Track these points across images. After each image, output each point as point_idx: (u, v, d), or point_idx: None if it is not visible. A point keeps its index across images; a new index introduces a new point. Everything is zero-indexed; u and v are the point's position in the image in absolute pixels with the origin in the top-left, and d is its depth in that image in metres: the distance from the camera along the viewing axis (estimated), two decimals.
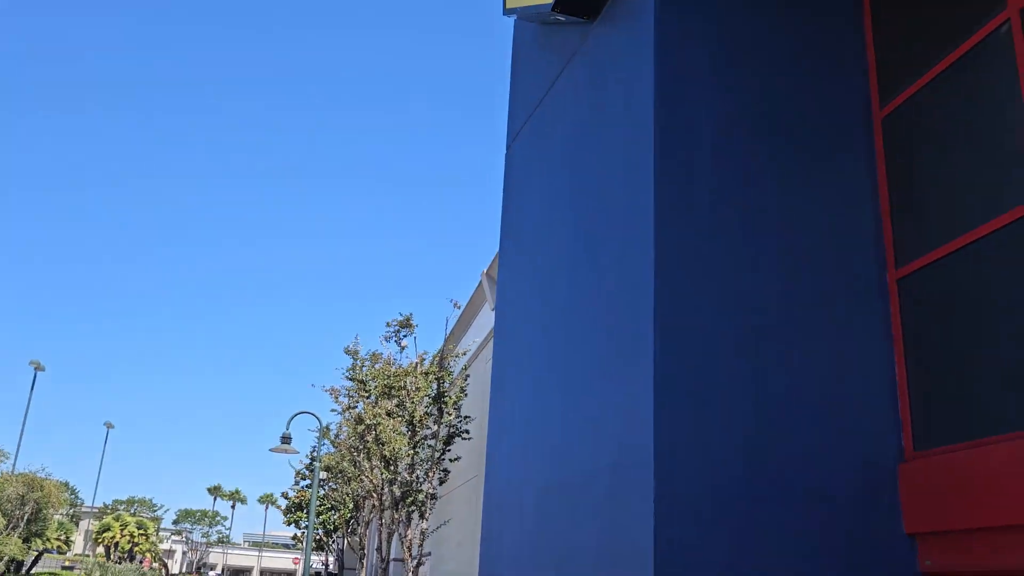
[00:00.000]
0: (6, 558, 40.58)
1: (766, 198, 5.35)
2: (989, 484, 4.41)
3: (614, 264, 5.52)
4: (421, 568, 25.62)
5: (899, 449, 5.12)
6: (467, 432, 22.54)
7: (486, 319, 22.80)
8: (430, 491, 22.65)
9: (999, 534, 4.41)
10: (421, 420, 22.41)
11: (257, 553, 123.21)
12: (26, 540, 43.25)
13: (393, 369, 23.38)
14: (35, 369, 59.82)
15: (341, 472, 34.79)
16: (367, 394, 23.74)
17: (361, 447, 24.20)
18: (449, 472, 23.70)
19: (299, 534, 59.61)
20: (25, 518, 42.38)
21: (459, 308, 24.76)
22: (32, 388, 63.22)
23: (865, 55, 6.00)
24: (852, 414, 5.09)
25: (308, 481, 47.14)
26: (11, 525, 41.60)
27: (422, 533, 22.32)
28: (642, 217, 5.19)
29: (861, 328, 5.31)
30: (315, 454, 24.32)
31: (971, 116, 5.15)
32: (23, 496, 42.41)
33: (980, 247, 4.88)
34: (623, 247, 5.42)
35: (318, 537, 51.99)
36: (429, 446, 22.77)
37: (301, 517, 54.43)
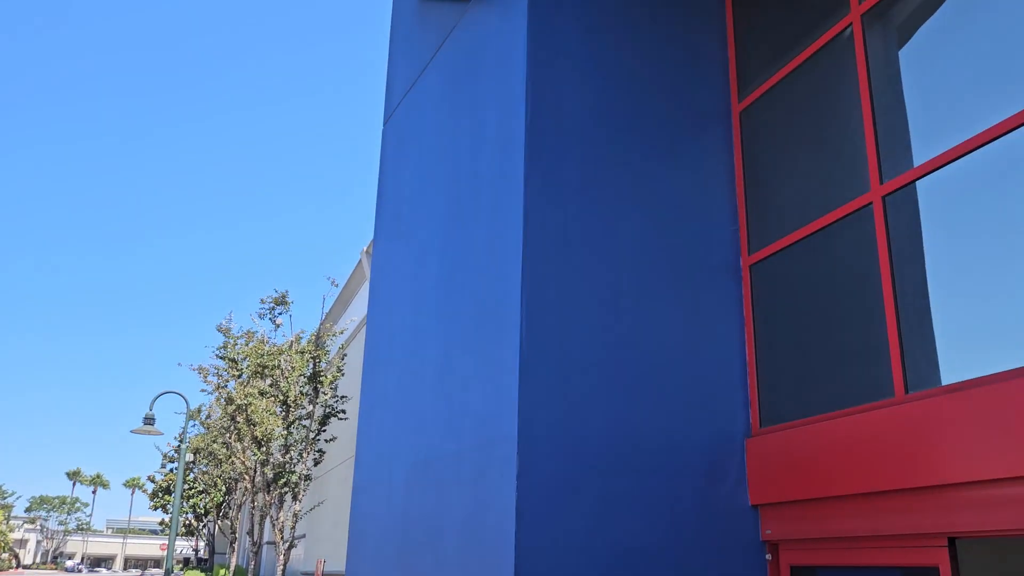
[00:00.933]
0: None
1: (630, 181, 5.53)
2: (822, 457, 4.76)
3: (483, 243, 5.58)
4: (294, 551, 25.19)
5: (747, 425, 5.44)
6: (343, 412, 22.24)
7: (365, 298, 22.51)
8: (304, 472, 22.25)
9: (830, 503, 4.76)
10: (296, 400, 21.93)
11: (122, 540, 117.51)
12: None
13: (267, 348, 22.74)
14: None
15: (212, 454, 33.66)
16: (239, 373, 23.01)
17: (232, 428, 23.48)
18: (324, 453, 23.35)
19: (167, 519, 57.34)
20: None
21: (337, 287, 24.34)
22: None
23: (726, 49, 6.29)
24: (705, 391, 5.36)
25: (176, 464, 45.29)
26: None
27: (295, 515, 21.92)
28: (511, 198, 5.26)
29: (716, 310, 5.58)
30: (183, 436, 23.36)
31: (817, 112, 5.50)
32: None
33: (822, 236, 5.23)
34: (492, 226, 5.48)
35: (188, 522, 50.17)
36: (304, 427, 22.34)
37: (168, 501, 52.33)
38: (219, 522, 43.71)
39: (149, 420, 20.89)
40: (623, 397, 5.06)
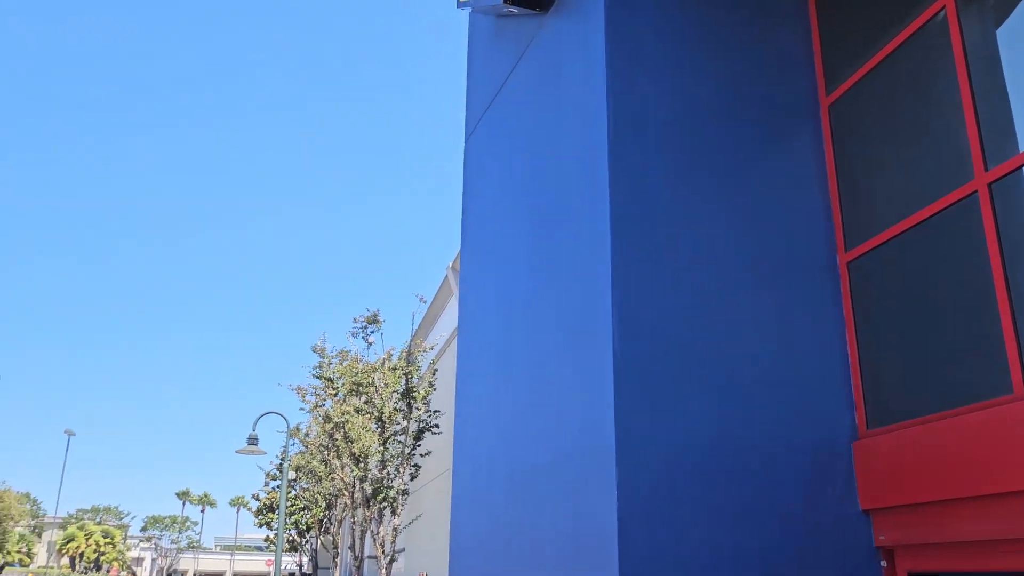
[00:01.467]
0: None
1: (717, 184, 5.45)
2: (938, 458, 4.56)
3: (571, 253, 5.59)
4: (394, 564, 25.61)
5: (853, 427, 5.26)
6: (437, 426, 22.55)
7: (453, 313, 22.81)
8: (401, 487, 22.63)
9: (948, 506, 4.56)
10: (390, 416, 22.37)
11: (229, 557, 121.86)
12: None
13: (360, 366, 23.29)
14: None
15: (311, 471, 34.62)
16: (335, 392, 23.63)
17: (330, 445, 24.10)
18: (420, 467, 23.71)
19: (271, 536, 59.15)
20: None
21: (425, 303, 24.75)
22: None
23: (811, 42, 6.13)
24: (807, 394, 5.21)
25: (278, 482, 46.72)
26: None
27: (394, 529, 22.31)
28: (597, 206, 5.26)
29: (813, 310, 5.43)
30: (284, 454, 24.13)
31: (912, 101, 5.30)
32: None
33: (924, 228, 5.03)
34: (579, 236, 5.49)
35: (291, 538, 51.62)
36: (399, 442, 22.75)
37: (272, 518, 54.00)
38: (321, 538, 44.84)
39: (253, 440, 21.67)
40: (721, 402, 4.98)
